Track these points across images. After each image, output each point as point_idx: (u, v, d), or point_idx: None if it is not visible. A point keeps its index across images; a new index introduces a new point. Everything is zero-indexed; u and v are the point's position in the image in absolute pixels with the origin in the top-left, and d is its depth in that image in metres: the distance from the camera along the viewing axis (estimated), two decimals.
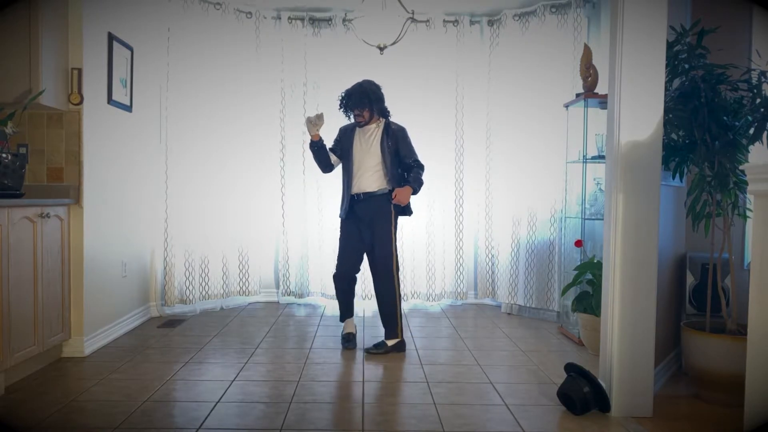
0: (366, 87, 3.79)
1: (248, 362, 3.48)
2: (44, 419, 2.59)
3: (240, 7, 5.07)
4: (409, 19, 4.15)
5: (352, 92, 3.79)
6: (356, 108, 3.77)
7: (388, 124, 3.85)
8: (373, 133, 3.83)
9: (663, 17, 2.65)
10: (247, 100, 5.14)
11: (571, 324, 4.21)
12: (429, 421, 2.62)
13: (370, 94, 3.77)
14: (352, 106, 3.78)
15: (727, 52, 3.07)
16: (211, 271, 4.97)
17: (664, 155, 2.92)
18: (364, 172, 3.79)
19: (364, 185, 3.79)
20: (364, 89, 3.77)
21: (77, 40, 3.51)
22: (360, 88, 3.79)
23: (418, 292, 5.33)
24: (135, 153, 4.31)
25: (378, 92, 3.82)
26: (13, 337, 2.93)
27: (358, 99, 3.75)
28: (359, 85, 3.81)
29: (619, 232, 2.69)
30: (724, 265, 3.19)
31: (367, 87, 3.79)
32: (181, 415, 2.68)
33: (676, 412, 2.81)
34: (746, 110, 2.81)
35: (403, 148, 3.84)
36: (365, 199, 3.78)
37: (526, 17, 4.96)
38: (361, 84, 3.82)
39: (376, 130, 3.83)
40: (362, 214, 3.79)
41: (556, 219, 4.71)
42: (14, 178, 3.14)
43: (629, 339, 2.70)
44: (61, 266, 3.41)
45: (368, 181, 3.78)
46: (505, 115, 5.04)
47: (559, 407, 2.80)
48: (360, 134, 3.85)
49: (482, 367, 3.44)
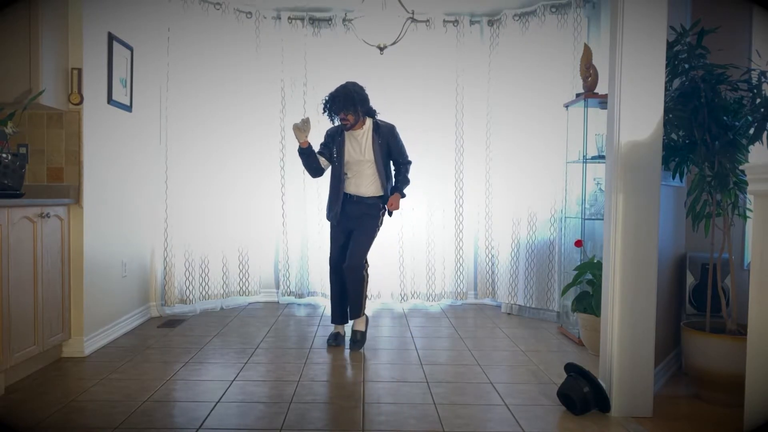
0: (350, 89, 3.73)
1: (248, 362, 3.48)
2: (44, 419, 2.59)
3: (240, 7, 5.07)
4: (409, 19, 4.15)
5: (335, 96, 3.72)
6: (341, 111, 3.71)
7: (377, 124, 3.84)
8: (364, 135, 3.81)
9: (663, 17, 2.65)
10: (247, 100, 5.14)
11: (571, 324, 4.21)
12: (429, 421, 2.62)
13: (355, 96, 3.71)
14: (337, 109, 3.71)
15: (727, 52, 3.07)
16: (211, 271, 4.97)
17: (664, 155, 2.92)
18: (359, 177, 3.81)
19: (361, 190, 3.82)
20: (348, 91, 3.71)
21: (77, 40, 3.51)
22: (344, 90, 3.72)
23: (418, 292, 5.33)
24: (135, 153, 4.31)
25: (362, 93, 3.77)
26: (13, 337, 2.93)
27: (342, 102, 3.69)
28: (342, 87, 3.74)
29: (619, 232, 2.69)
30: (724, 265, 3.19)
31: (351, 89, 3.73)
32: (181, 415, 2.68)
33: (676, 412, 2.81)
34: (746, 110, 2.81)
35: (395, 149, 3.86)
36: (358, 202, 3.83)
37: (526, 17, 4.96)
38: (344, 86, 3.75)
39: (367, 131, 3.81)
40: (352, 213, 3.83)
41: (556, 219, 4.71)
42: (14, 178, 3.14)
43: (629, 339, 2.70)
44: (61, 266, 3.41)
45: (364, 186, 3.82)
46: (505, 115, 5.04)
47: (559, 407, 2.80)
48: (350, 137, 3.83)
49: (482, 367, 3.44)
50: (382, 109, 4.06)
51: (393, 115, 4.91)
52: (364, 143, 3.80)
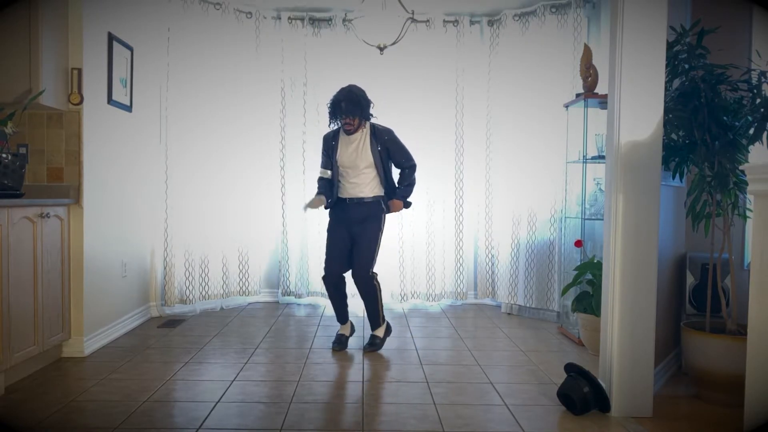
0: (356, 93, 3.68)
1: (248, 362, 3.48)
2: (44, 419, 2.59)
3: (240, 7, 5.07)
4: (409, 19, 4.15)
5: (341, 99, 3.65)
6: (348, 116, 3.66)
7: (374, 127, 3.79)
8: (361, 139, 3.75)
9: (663, 17, 2.65)
10: (247, 100, 5.14)
11: (571, 324, 4.21)
12: (429, 421, 2.62)
13: (362, 101, 3.67)
14: (344, 114, 3.66)
15: (727, 52, 3.07)
16: (211, 271, 4.97)
17: (664, 155, 2.92)
18: (355, 180, 3.75)
19: (359, 192, 3.76)
20: (354, 95, 3.66)
21: (77, 40, 3.51)
22: (350, 94, 3.65)
23: (418, 292, 5.33)
24: (135, 153, 4.31)
25: (366, 97, 3.73)
26: (13, 337, 2.93)
27: (350, 107, 3.63)
28: (348, 91, 3.68)
29: (619, 232, 2.69)
30: (724, 265, 3.19)
31: (356, 93, 3.68)
32: (181, 415, 2.68)
33: (676, 412, 2.81)
34: (746, 110, 2.81)
35: (397, 154, 3.81)
36: (358, 203, 3.77)
37: (526, 17, 4.96)
38: (350, 90, 3.69)
39: (363, 135, 3.75)
40: (354, 215, 3.77)
41: (556, 219, 4.71)
42: (14, 178, 3.14)
43: (629, 339, 2.70)
44: (61, 266, 3.41)
45: (362, 188, 3.75)
46: (505, 115, 5.04)
47: (559, 407, 2.80)
48: (345, 140, 3.76)
49: (482, 367, 3.44)
50: (382, 109, 4.06)
51: (393, 115, 4.93)
52: (362, 146, 3.74)
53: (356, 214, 3.77)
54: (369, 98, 3.77)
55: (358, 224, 3.77)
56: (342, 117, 3.68)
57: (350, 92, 3.68)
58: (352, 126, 3.69)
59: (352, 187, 3.77)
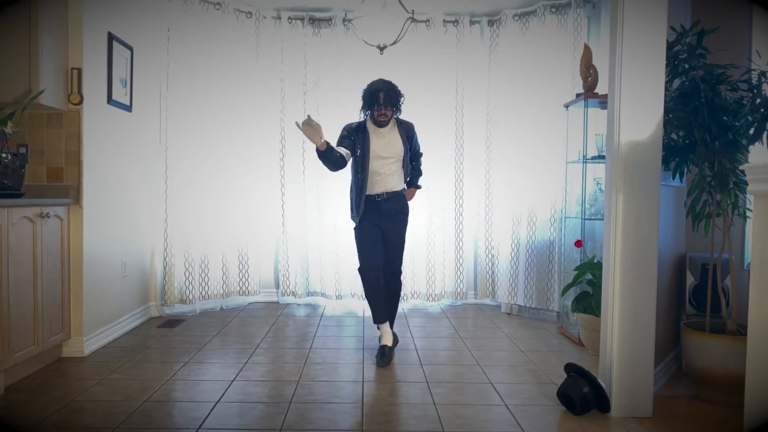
0: (392, 85, 3.60)
1: (248, 362, 3.48)
2: (44, 419, 2.59)
3: (240, 7, 5.07)
4: (409, 19, 4.15)
5: (380, 89, 3.54)
6: (387, 107, 3.55)
7: (399, 120, 3.74)
8: (390, 131, 3.68)
9: (663, 17, 2.65)
10: (247, 100, 5.14)
11: (571, 324, 4.21)
12: (429, 421, 2.62)
13: (398, 92, 3.61)
14: (384, 105, 3.53)
15: (727, 52, 3.07)
16: (211, 271, 4.97)
17: (664, 155, 2.92)
18: (387, 172, 3.65)
19: (390, 185, 3.66)
20: (394, 88, 3.59)
21: (77, 40, 3.51)
22: (390, 85, 3.57)
23: (418, 292, 5.33)
24: (135, 153, 4.31)
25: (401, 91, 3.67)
26: (13, 337, 2.93)
27: (389, 98, 3.53)
28: (384, 82, 3.59)
29: (619, 232, 2.69)
30: (724, 266, 3.19)
31: (393, 85, 3.60)
32: (181, 415, 2.68)
33: (676, 412, 2.81)
34: (746, 110, 2.81)
35: (415, 144, 3.83)
36: (388, 199, 3.66)
37: (526, 17, 4.96)
38: (386, 82, 3.59)
39: (392, 127, 3.69)
40: (386, 209, 3.65)
41: (556, 219, 4.71)
42: (14, 178, 3.14)
43: (629, 339, 2.70)
44: (61, 266, 3.41)
45: (393, 181, 3.67)
46: (505, 115, 5.04)
47: (559, 407, 2.80)
48: (376, 132, 3.65)
49: (482, 367, 3.44)
50: None
51: None
52: (392, 138, 3.66)
53: (388, 209, 3.66)
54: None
55: (387, 219, 3.67)
56: (378, 108, 3.57)
57: (387, 83, 3.59)
58: (386, 118, 3.60)
59: (381, 180, 3.65)
